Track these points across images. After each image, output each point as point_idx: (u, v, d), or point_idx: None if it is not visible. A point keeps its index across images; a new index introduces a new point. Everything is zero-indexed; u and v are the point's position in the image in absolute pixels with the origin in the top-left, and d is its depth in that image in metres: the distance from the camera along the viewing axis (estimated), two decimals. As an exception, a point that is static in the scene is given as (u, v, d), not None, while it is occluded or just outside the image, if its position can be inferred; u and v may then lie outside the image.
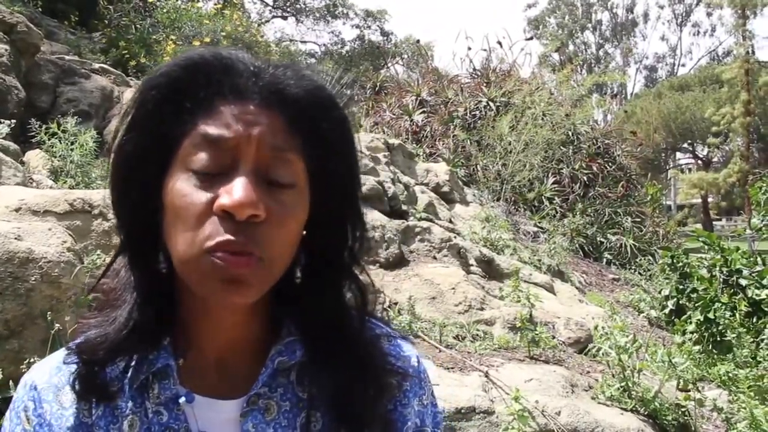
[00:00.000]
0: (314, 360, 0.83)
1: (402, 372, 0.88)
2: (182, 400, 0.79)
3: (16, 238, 2.55)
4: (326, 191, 0.79)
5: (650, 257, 9.77)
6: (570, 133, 11.62)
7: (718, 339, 5.78)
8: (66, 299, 2.59)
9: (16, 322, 2.46)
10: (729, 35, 51.09)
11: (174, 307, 0.82)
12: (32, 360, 2.38)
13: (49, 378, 0.82)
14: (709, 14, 53.02)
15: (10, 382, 2.33)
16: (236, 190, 0.68)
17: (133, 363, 0.80)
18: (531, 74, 14.60)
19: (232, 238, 0.68)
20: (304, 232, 0.79)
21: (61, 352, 0.84)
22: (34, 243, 2.59)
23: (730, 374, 5.13)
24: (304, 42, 31.60)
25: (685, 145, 44.29)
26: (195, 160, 0.72)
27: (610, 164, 11.68)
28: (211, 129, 0.72)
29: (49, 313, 2.45)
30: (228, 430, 0.79)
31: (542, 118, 11.49)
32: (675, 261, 7.11)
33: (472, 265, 6.42)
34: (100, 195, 3.34)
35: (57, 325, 2.41)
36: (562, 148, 11.28)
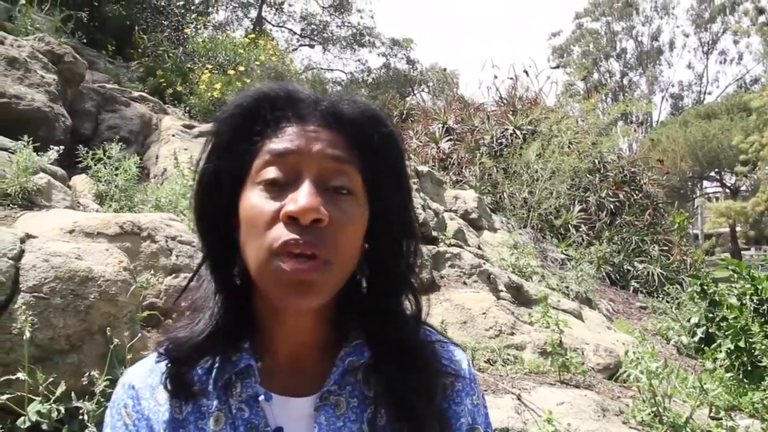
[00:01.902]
0: (378, 362, 0.92)
1: (454, 373, 0.97)
2: (261, 398, 0.87)
3: (76, 258, 2.69)
4: (381, 202, 0.87)
5: (678, 286, 9.71)
6: (596, 161, 11.65)
7: (750, 368, 5.75)
8: (122, 316, 2.71)
9: (76, 338, 2.58)
10: (757, 63, 50.75)
11: (251, 313, 0.92)
12: (91, 373, 2.50)
13: (145, 379, 0.92)
14: (736, 42, 52.59)
15: (72, 394, 2.45)
16: (300, 197, 0.77)
17: (216, 364, 0.90)
18: (556, 102, 14.66)
19: (297, 237, 0.76)
20: (366, 245, 0.89)
21: (152, 356, 0.94)
22: (93, 262, 2.73)
23: (765, 402, 5.09)
24: (331, 70, 32.02)
25: (713, 174, 43.70)
26: (263, 174, 0.83)
27: (636, 192, 11.67)
28: (277, 145, 0.83)
29: (108, 329, 2.57)
30: (301, 425, 0.88)
31: (569, 146, 11.53)
32: (704, 289, 7.08)
33: (501, 290, 6.48)
34: (148, 218, 3.49)
35: (116, 340, 2.53)
36: (588, 176, 11.32)
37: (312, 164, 0.81)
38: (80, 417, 2.43)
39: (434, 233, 7.13)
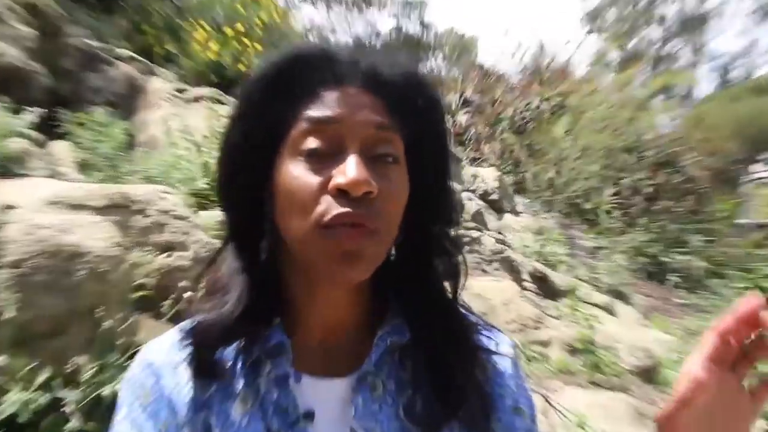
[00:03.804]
0: (416, 341, 0.94)
1: (496, 351, 1.00)
2: (291, 379, 0.89)
3: (63, 231, 2.69)
4: (421, 167, 0.90)
5: (724, 281, 9.65)
6: (632, 140, 11.59)
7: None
8: (113, 297, 2.72)
9: (61, 319, 2.58)
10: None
11: (281, 290, 0.94)
12: (77, 360, 2.50)
13: (165, 356, 0.94)
14: (796, 6, 51.88)
15: (54, 383, 2.45)
16: (350, 169, 0.79)
17: (244, 343, 0.91)
18: (588, 73, 14.58)
19: (350, 210, 0.79)
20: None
21: (174, 333, 0.96)
22: (82, 236, 2.73)
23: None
24: (334, 32, 31.83)
25: (765, 156, 43.31)
26: (304, 144, 0.84)
27: (677, 175, 11.60)
28: (317, 113, 0.84)
29: (96, 310, 2.58)
30: (334, 407, 0.90)
31: (601, 122, 11.48)
32: (758, 285, 7.05)
33: (525, 280, 6.49)
34: (140, 190, 3.48)
35: (106, 323, 2.54)
36: (623, 155, 11.26)
37: (356, 133, 0.83)
38: (62, 409, 2.43)
39: (458, 215, 7.12)
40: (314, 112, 0.84)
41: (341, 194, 0.80)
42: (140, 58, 7.81)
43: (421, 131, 0.90)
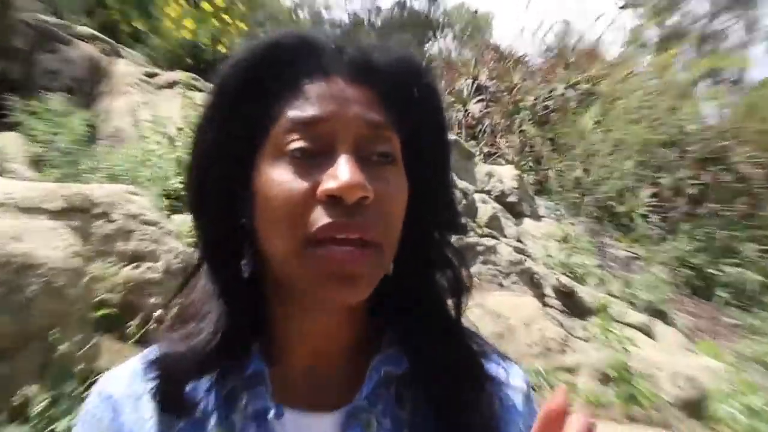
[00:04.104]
0: (414, 372, 0.93)
1: (505, 383, 0.99)
2: (271, 415, 0.87)
3: (12, 238, 2.68)
4: (419, 165, 0.90)
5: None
6: (673, 132, 11.58)
7: None
8: (71, 316, 2.71)
9: (8, 342, 2.55)
10: None
11: (260, 314, 0.92)
12: (27, 390, 2.49)
13: (126, 387, 0.93)
14: None
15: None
16: (342, 172, 0.78)
17: (219, 375, 0.90)
18: (622, 54, 14.59)
19: (343, 219, 0.77)
20: None
21: (137, 361, 0.95)
22: (34, 245, 2.71)
23: None
24: (328, 8, 31.88)
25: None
26: (288, 144, 0.82)
27: (726, 173, 11.58)
28: (301, 113, 0.83)
29: (50, 331, 2.56)
30: None
31: (637, 112, 11.48)
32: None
33: (548, 296, 6.48)
34: (103, 191, 3.48)
35: (62, 346, 2.52)
36: (662, 150, 11.26)
37: (347, 132, 0.82)
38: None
39: (462, 220, 7.12)
40: (297, 111, 0.83)
41: (332, 201, 0.78)
42: (103, 36, 7.82)
43: (418, 125, 0.90)
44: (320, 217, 0.78)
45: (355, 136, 0.82)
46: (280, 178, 0.82)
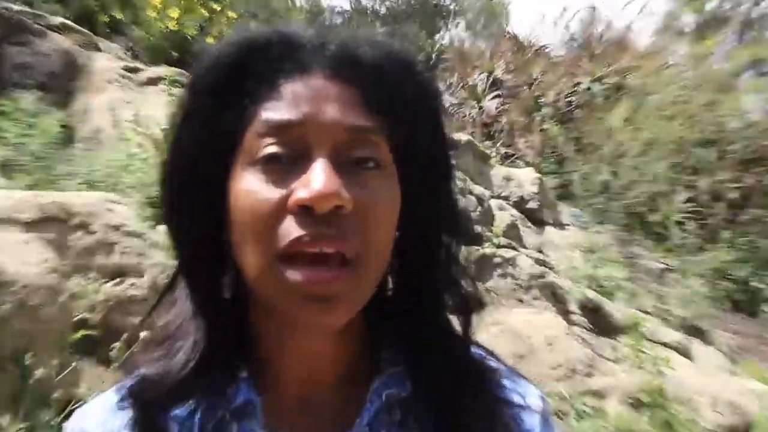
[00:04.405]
0: (419, 395, 0.94)
1: (520, 405, 0.99)
2: None
3: (-18, 253, 2.71)
4: (415, 174, 0.90)
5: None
6: (712, 130, 11.57)
7: None
8: (47, 338, 2.73)
9: (-23, 367, 2.59)
10: None
11: (246, 335, 0.94)
12: (-1, 419, 2.50)
13: (103, 422, 0.94)
14: None
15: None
16: (315, 179, 0.78)
17: (204, 403, 0.91)
18: (654, 44, 14.59)
19: (312, 232, 0.78)
20: (396, 233, 0.89)
21: (112, 393, 0.95)
22: (6, 260, 2.74)
23: None
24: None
25: None
26: (260, 150, 0.83)
27: (771, 176, 11.57)
28: (275, 113, 0.84)
29: (25, 356, 2.58)
30: None
31: (672, 108, 11.47)
32: None
33: (572, 312, 6.48)
34: (80, 200, 3.49)
35: (37, 372, 2.54)
36: (699, 150, 11.25)
37: (325, 135, 0.82)
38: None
39: (477, 228, 7.13)
40: (270, 113, 0.84)
41: (305, 212, 0.78)
42: (80, 27, 7.83)
43: (411, 127, 0.89)
44: (291, 230, 0.78)
45: (334, 140, 0.82)
46: (249, 187, 0.83)
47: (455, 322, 0.99)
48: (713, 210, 10.72)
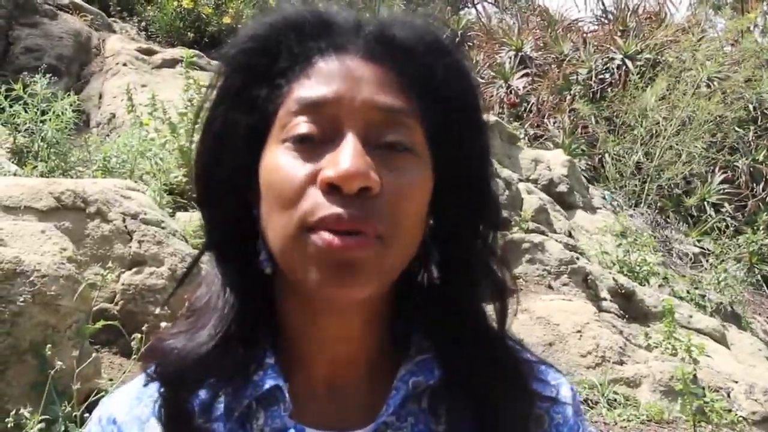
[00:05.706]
0: (450, 383, 0.96)
1: (552, 398, 1.02)
2: None
3: (-2, 243, 2.75)
4: (451, 161, 0.91)
5: None
6: (752, 107, 11.44)
7: None
8: (65, 328, 2.76)
9: (-3, 358, 2.63)
10: None
11: (275, 318, 0.96)
12: (18, 411, 2.52)
13: (131, 410, 0.97)
14: None
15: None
16: (343, 158, 0.80)
17: (230, 386, 0.94)
18: (691, 18, 14.44)
19: (340, 210, 0.80)
20: (430, 221, 0.92)
21: (139, 381, 0.99)
22: (23, 250, 2.77)
23: None
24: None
25: None
26: (292, 128, 0.86)
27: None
28: (308, 91, 0.87)
29: (44, 347, 2.62)
30: None
31: (709, 85, 11.36)
32: None
33: (603, 299, 6.48)
34: (97, 187, 3.52)
35: (57, 363, 2.58)
36: (738, 130, 11.14)
37: (356, 115, 0.85)
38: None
39: (504, 213, 7.12)
40: (305, 90, 0.87)
41: (333, 191, 0.80)
42: (91, 7, 7.82)
43: (445, 109, 0.90)
44: (319, 207, 0.81)
45: (366, 119, 0.85)
46: (280, 163, 0.85)
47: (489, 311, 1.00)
48: (752, 192, 10.62)
